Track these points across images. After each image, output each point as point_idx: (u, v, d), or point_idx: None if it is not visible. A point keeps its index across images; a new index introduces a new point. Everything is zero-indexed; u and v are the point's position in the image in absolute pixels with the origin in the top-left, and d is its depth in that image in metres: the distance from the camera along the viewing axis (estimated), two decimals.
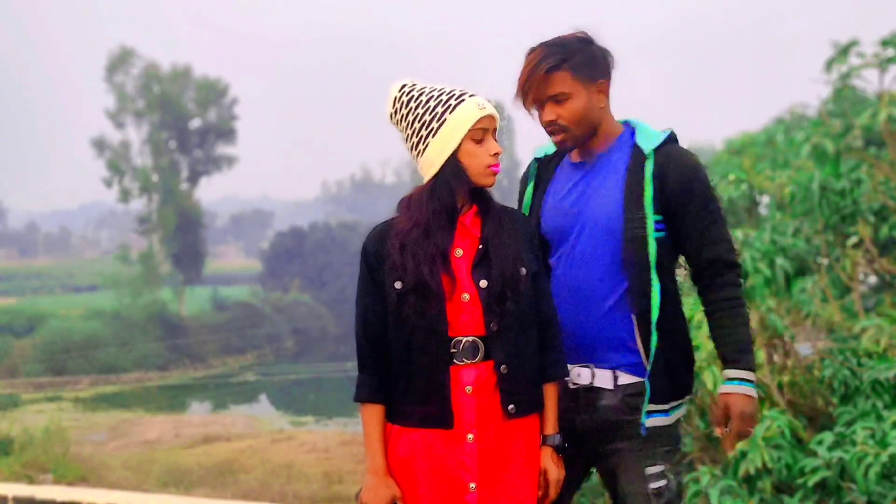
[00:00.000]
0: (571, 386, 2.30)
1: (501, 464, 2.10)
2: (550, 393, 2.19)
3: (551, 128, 2.29)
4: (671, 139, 2.31)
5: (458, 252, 2.13)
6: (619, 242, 2.25)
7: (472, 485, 2.07)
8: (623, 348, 2.27)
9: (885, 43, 6.27)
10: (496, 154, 2.16)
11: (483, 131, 2.14)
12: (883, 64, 6.29)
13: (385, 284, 2.13)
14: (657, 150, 2.28)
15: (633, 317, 2.25)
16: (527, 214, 2.40)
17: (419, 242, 2.11)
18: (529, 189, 2.46)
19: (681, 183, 2.25)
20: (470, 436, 2.07)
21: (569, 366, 2.29)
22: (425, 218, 2.12)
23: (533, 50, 2.29)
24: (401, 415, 2.14)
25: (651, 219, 2.23)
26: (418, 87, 2.20)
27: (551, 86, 2.25)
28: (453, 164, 2.13)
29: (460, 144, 2.13)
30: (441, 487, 2.09)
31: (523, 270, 2.12)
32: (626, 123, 2.41)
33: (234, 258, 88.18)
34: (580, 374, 2.29)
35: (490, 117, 2.15)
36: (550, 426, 2.18)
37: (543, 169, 2.45)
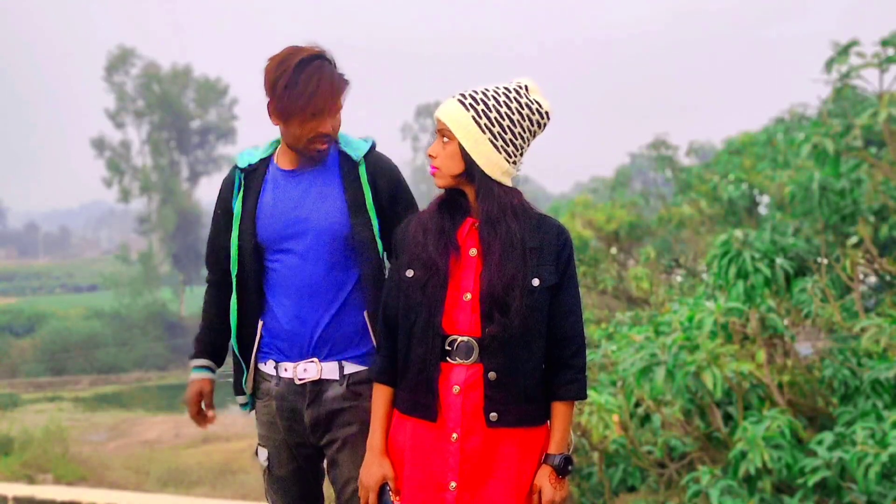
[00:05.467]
0: (298, 382, 2.36)
1: (485, 469, 2.09)
2: (560, 412, 2.13)
3: (329, 137, 2.33)
4: (374, 146, 2.45)
5: (473, 251, 2.11)
6: (346, 245, 2.36)
7: (453, 484, 2.07)
8: (349, 342, 2.37)
9: (885, 43, 6.27)
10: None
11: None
12: (883, 64, 6.28)
13: (401, 271, 2.15)
14: (365, 156, 2.40)
15: (366, 313, 2.36)
16: (237, 226, 2.42)
17: (437, 225, 2.13)
18: (238, 201, 2.45)
19: (389, 186, 2.41)
20: (454, 435, 2.08)
21: (293, 363, 2.36)
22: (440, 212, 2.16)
23: (324, 59, 2.29)
24: (397, 399, 2.18)
25: (375, 221, 2.37)
26: None
27: (340, 99, 2.32)
28: None
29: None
30: (424, 480, 2.10)
31: (535, 282, 2.06)
32: None
33: None
34: (306, 370, 2.36)
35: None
36: (555, 445, 2.13)
37: (250, 178, 2.45)
